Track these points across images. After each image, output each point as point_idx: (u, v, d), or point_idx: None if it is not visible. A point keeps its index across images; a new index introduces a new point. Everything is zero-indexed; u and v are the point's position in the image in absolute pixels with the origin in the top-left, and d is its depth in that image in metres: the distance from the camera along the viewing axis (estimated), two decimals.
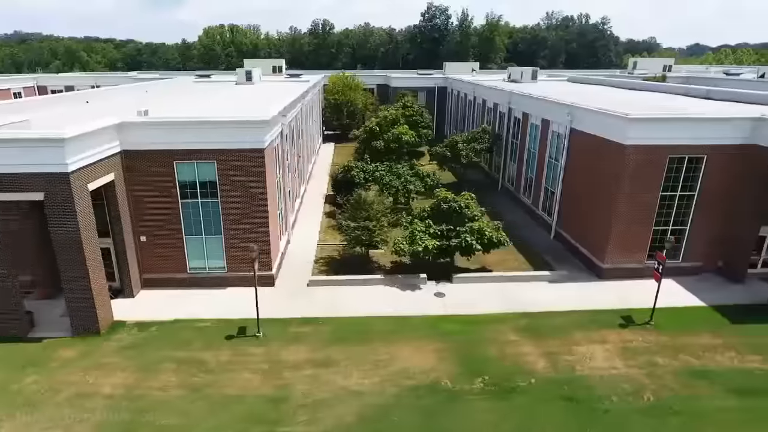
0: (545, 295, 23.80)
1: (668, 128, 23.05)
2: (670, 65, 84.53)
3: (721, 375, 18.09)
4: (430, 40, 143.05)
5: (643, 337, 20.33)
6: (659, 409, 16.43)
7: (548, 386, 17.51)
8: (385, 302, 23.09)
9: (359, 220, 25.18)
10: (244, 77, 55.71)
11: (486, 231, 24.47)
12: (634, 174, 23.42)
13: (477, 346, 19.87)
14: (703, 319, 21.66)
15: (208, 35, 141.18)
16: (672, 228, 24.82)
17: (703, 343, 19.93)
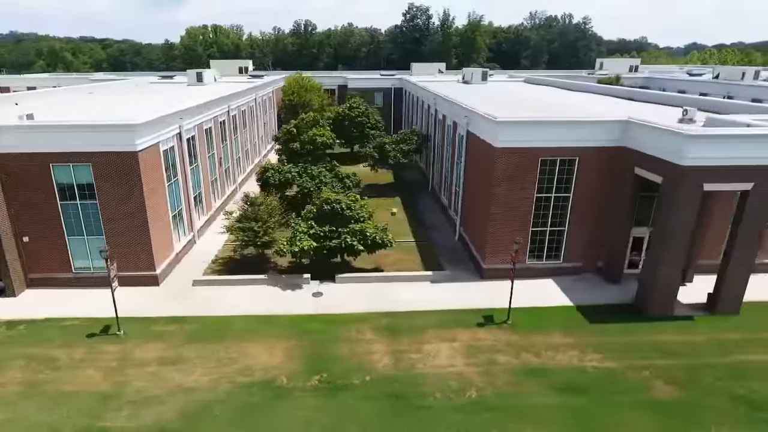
0: (421, 295, 24.22)
1: (539, 131, 23.46)
2: (636, 66, 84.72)
3: (555, 373, 18.51)
4: (411, 40, 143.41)
5: (494, 336, 20.76)
6: (476, 405, 16.86)
7: (380, 384, 17.96)
8: (261, 302, 23.56)
9: (245, 221, 25.66)
10: (195, 78, 56.34)
11: (368, 232, 24.91)
12: (507, 175, 23.83)
13: (330, 344, 20.32)
14: (563, 318, 22.05)
15: (191, 35, 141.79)
16: (550, 229, 25.22)
17: (551, 342, 20.34)
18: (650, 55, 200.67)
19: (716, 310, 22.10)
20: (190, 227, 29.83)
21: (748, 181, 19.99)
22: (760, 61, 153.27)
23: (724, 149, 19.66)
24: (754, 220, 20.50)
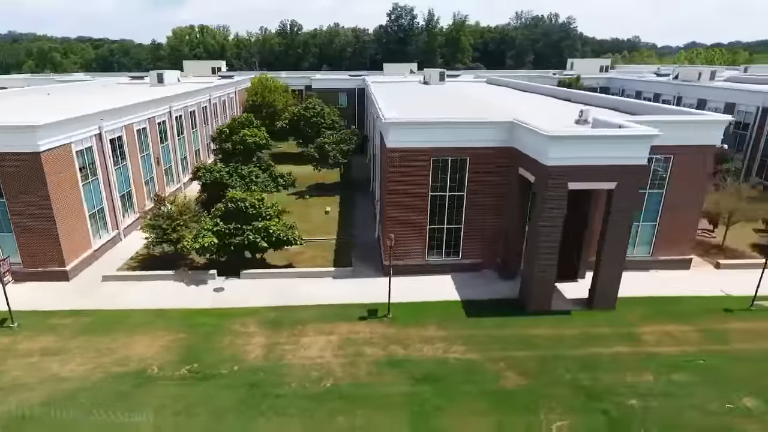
0: (320, 290, 25.04)
1: (429, 132, 24.25)
2: (607, 66, 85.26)
3: (416, 364, 19.32)
4: (395, 40, 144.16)
5: (372, 329, 21.59)
6: (330, 393, 17.72)
7: (245, 374, 18.82)
8: (163, 297, 24.45)
9: (155, 220, 26.56)
10: (156, 80, 57.29)
11: (272, 229, 25.77)
12: (402, 175, 24.65)
13: (212, 337, 21.19)
14: (444, 313, 22.84)
15: (177, 36, 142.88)
16: (447, 227, 26.03)
17: (423, 335, 21.16)
18: (641, 55, 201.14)
19: (593, 306, 22.88)
20: (114, 225, 30.74)
21: (611, 180, 20.74)
22: (742, 60, 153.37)
23: (586, 150, 20.42)
24: (619, 218, 21.25)
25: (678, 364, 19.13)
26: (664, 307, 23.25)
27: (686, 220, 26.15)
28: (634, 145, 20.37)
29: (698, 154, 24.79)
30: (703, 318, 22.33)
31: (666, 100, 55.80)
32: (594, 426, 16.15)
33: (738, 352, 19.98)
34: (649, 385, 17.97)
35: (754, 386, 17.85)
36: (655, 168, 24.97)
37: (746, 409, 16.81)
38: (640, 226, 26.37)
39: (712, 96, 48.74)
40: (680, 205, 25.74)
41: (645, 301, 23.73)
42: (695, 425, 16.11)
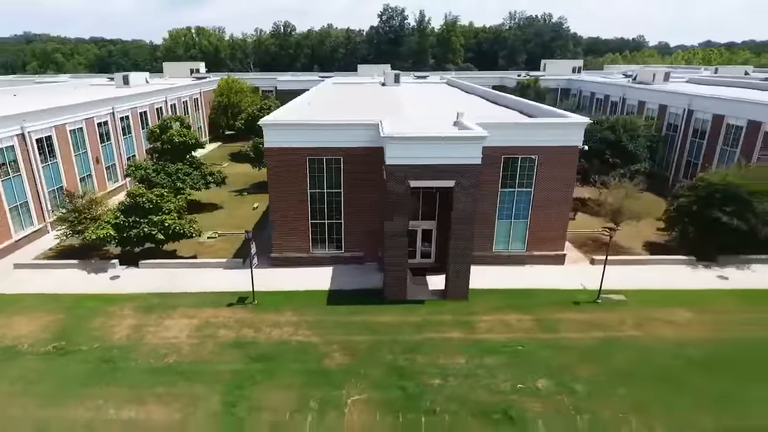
0: (208, 279, 27.01)
1: (303, 133, 26.06)
2: (579, 67, 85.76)
3: (259, 346, 21.14)
4: (386, 41, 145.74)
5: (233, 314, 23.50)
6: (169, 368, 19.65)
7: (103, 351, 20.85)
8: (64, 283, 26.65)
9: (66, 213, 28.85)
10: (121, 81, 59.95)
11: (167, 223, 27.83)
12: (281, 173, 26.49)
13: (88, 319, 23.28)
14: (306, 300, 24.62)
15: (173, 37, 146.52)
16: (328, 222, 27.80)
17: (278, 320, 22.98)
18: (642, 54, 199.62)
19: (447, 296, 24.47)
20: (41, 218, 33.12)
21: (450, 179, 22.32)
22: (740, 60, 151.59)
23: (425, 150, 22.02)
24: (461, 214, 22.80)
25: (496, 350, 20.66)
26: (517, 298, 24.73)
27: (556, 217, 27.53)
28: (468, 146, 21.91)
29: (562, 154, 26.19)
30: (547, 309, 23.77)
31: (614, 101, 56.73)
32: (388, 400, 17.81)
33: (561, 340, 21.41)
34: (458, 367, 19.56)
35: (555, 370, 19.31)
36: (521, 167, 26.49)
37: (535, 389, 18.31)
38: (512, 223, 27.87)
39: (649, 98, 49.60)
40: (548, 203, 27.16)
41: (502, 293, 25.24)
42: (478, 401, 17.67)
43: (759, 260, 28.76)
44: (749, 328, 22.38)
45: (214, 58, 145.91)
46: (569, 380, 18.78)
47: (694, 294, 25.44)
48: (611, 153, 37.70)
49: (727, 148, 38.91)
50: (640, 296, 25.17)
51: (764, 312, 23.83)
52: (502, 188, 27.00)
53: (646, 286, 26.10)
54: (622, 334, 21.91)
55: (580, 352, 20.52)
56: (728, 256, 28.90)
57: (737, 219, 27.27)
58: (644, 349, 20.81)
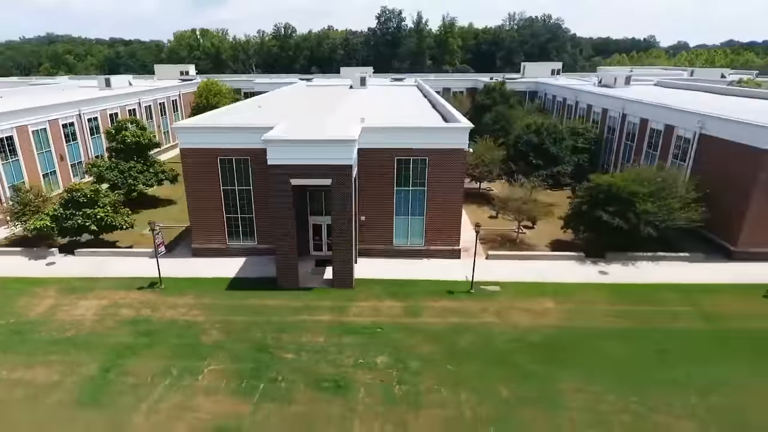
0: (131, 266, 29.95)
1: (214, 135, 28.82)
2: (558, 69, 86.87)
3: (150, 323, 23.98)
4: (384, 43, 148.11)
5: (141, 297, 26.39)
6: (69, 340, 22.61)
7: (17, 324, 23.92)
8: (4, 267, 29.90)
9: (15, 206, 32.23)
10: (104, 84, 63.73)
11: (99, 215, 30.93)
12: (196, 172, 29.30)
13: (13, 298, 26.34)
14: (210, 286, 27.40)
15: (177, 39, 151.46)
16: (241, 216, 30.53)
17: (176, 302, 25.77)
18: (649, 55, 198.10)
19: (334, 285, 26.95)
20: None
21: (327, 177, 24.80)
22: (742, 61, 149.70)
23: (302, 152, 24.56)
24: (338, 210, 25.26)
25: (357, 331, 23.09)
26: (399, 287, 27.09)
27: (449, 214, 29.75)
28: (339, 148, 24.37)
29: (450, 156, 28.43)
30: (421, 297, 26.07)
31: (569, 104, 58.28)
32: (241, 370, 20.42)
33: (419, 324, 23.69)
34: (315, 345, 22.07)
35: (400, 349, 21.67)
36: (414, 168, 28.83)
37: (373, 364, 20.72)
38: (410, 219, 30.20)
39: (594, 101, 51.16)
40: (441, 201, 29.41)
41: (388, 283, 27.62)
42: (318, 372, 20.16)
43: (643, 257, 30.53)
44: (600, 319, 24.38)
45: (215, 60, 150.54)
46: (407, 357, 21.13)
47: (568, 286, 27.43)
48: (535, 155, 39.62)
49: (650, 150, 40.45)
50: (516, 288, 27.28)
51: (623, 304, 25.73)
52: (397, 187, 29.35)
53: (526, 279, 28.17)
54: (478, 320, 24.10)
55: (430, 335, 22.81)
56: (616, 253, 30.76)
57: (618, 218, 29.12)
58: (491, 333, 23.00)
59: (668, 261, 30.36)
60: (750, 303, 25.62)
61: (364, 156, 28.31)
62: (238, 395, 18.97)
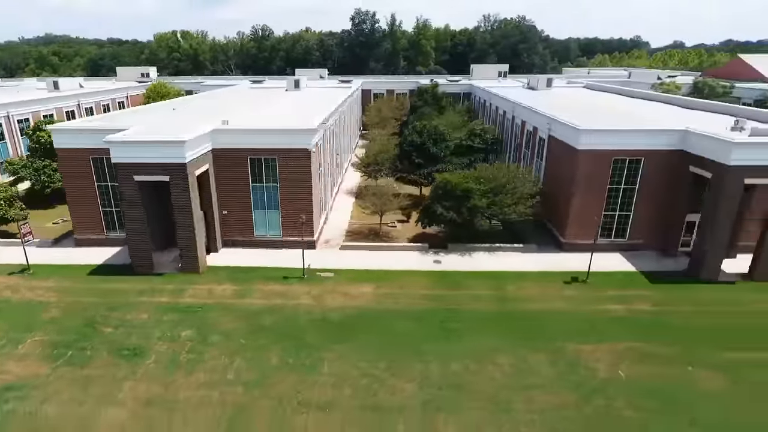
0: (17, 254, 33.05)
1: (85, 137, 31.87)
2: (505, 71, 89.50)
3: (8, 303, 27.07)
4: (357, 44, 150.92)
5: (6, 281, 29.48)
6: None
7: None
8: None
9: None
10: (52, 86, 67.16)
11: None
12: (71, 170, 32.41)
13: None
14: (75, 271, 30.48)
15: (157, 41, 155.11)
16: (116, 210, 33.59)
17: (41, 285, 28.87)
18: (631, 56, 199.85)
19: (182, 270, 29.99)
20: None
21: (165, 174, 27.83)
22: (711, 62, 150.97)
23: (144, 151, 27.67)
24: (179, 203, 28.27)
25: (179, 310, 26.09)
26: (242, 274, 30.09)
27: (299, 209, 32.63)
28: (172, 148, 27.37)
29: (295, 155, 31.37)
30: (257, 281, 29.05)
31: (487, 105, 60.99)
32: (59, 341, 23.43)
33: (240, 304, 26.65)
34: (137, 321, 25.09)
35: (208, 325, 24.65)
36: (266, 166, 31.80)
37: (176, 337, 23.73)
38: (267, 212, 33.16)
39: (497, 103, 53.89)
40: (293, 196, 32.35)
41: (235, 270, 30.66)
42: (125, 343, 23.18)
43: (481, 248, 33.31)
44: (408, 301, 27.21)
45: (194, 61, 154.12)
46: (210, 332, 24.12)
47: (396, 273, 30.26)
48: (417, 154, 42.47)
49: (526, 151, 43.21)
50: (348, 274, 30.18)
51: (436, 289, 28.53)
52: (252, 183, 32.32)
53: (363, 267, 31.00)
54: (295, 302, 27.03)
55: (243, 314, 25.77)
56: (457, 245, 33.56)
57: (453, 212, 31.96)
58: (298, 313, 25.92)
59: (503, 251, 33.12)
60: (547, 288, 28.38)
61: (220, 155, 31.37)
62: (45, 360, 22.04)
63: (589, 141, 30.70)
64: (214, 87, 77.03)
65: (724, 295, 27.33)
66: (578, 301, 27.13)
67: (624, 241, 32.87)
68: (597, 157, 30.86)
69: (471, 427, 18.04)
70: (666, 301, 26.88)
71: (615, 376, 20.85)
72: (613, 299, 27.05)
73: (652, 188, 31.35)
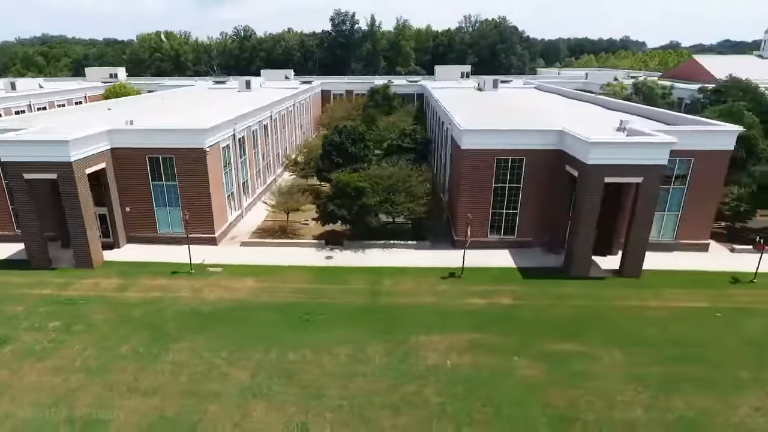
0: None
1: None
2: (468, 72, 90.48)
3: None
4: (337, 45, 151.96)
5: None
6: None
7: None
8: None
9: None
10: (9, 87, 68.57)
11: None
12: None
13: None
14: None
15: (140, 42, 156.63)
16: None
17: None
18: (618, 56, 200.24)
19: (77, 265, 31.14)
20: None
21: (53, 172, 28.99)
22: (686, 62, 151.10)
23: (27, 150, 28.87)
24: (67, 199, 29.43)
25: (56, 302, 27.20)
26: (135, 268, 31.26)
27: (201, 206, 33.73)
28: (55, 147, 28.54)
29: (191, 155, 32.48)
30: (145, 276, 30.18)
31: (429, 105, 61.96)
32: None
33: (116, 297, 27.77)
34: (10, 312, 26.19)
35: (78, 316, 25.74)
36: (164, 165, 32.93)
37: (44, 327, 24.82)
38: (169, 210, 34.28)
39: (433, 104, 54.82)
40: (191, 196, 33.44)
41: (130, 264, 31.88)
42: None
43: (375, 245, 34.31)
44: (282, 294, 28.23)
45: (176, 62, 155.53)
46: (77, 323, 25.21)
47: (281, 268, 31.31)
48: (336, 154, 43.51)
49: (443, 151, 44.19)
50: (237, 269, 31.28)
51: (315, 283, 29.58)
52: (153, 181, 33.45)
53: (255, 262, 32.08)
54: (174, 295, 28.14)
55: (117, 306, 26.88)
56: (353, 242, 34.61)
57: (345, 210, 33.01)
58: (171, 305, 26.99)
59: (397, 248, 34.13)
60: (423, 283, 29.37)
61: (119, 154, 32.54)
62: None
63: (473, 140, 31.72)
64: (175, 87, 78.29)
65: (587, 291, 28.25)
66: (446, 295, 28.14)
67: (513, 239, 33.85)
68: (481, 156, 31.86)
69: (280, 411, 19.07)
70: (528, 295, 27.86)
71: (442, 364, 21.86)
72: (478, 294, 28.05)
73: (535, 187, 32.33)
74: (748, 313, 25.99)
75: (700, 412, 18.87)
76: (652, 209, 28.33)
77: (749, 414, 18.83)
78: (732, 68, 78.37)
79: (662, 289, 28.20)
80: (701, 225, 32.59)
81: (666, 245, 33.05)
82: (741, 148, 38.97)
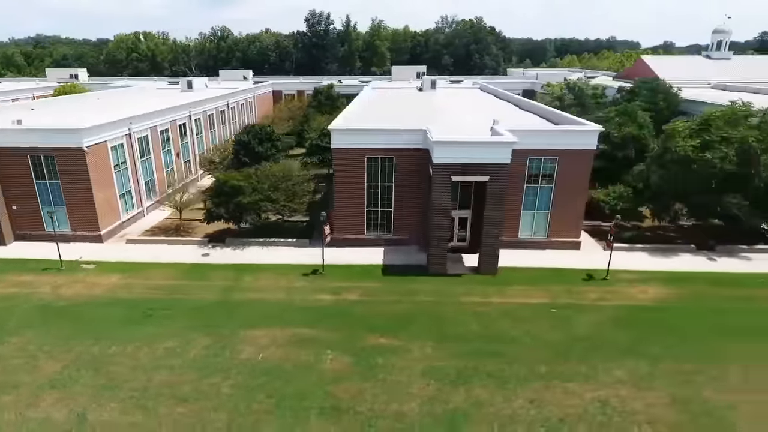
0: None
1: None
2: (423, 72, 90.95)
3: None
4: (312, 45, 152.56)
5: None
6: None
7: None
8: None
9: None
10: None
11: None
12: None
13: None
14: None
15: (117, 42, 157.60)
16: None
17: None
18: (600, 57, 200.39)
19: None
20: None
21: None
22: None
23: None
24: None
25: None
26: (7, 265, 31.94)
27: (86, 205, 34.37)
28: None
29: (70, 153, 33.12)
30: (14, 272, 30.84)
31: None
32: None
33: None
34: None
35: None
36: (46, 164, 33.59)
37: None
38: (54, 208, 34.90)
39: None
40: (74, 194, 34.09)
41: (7, 262, 32.52)
42: None
43: (257, 242, 34.90)
44: (139, 291, 28.82)
45: (152, 62, 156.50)
46: None
47: (155, 265, 31.92)
48: (244, 153, 44.17)
49: None
50: (110, 266, 31.89)
51: (179, 280, 30.17)
52: (37, 180, 34.13)
53: (131, 260, 32.70)
54: (32, 290, 28.70)
55: None
56: (234, 239, 35.21)
57: (223, 209, 33.63)
58: (25, 301, 27.60)
59: (276, 246, 34.69)
60: (282, 280, 29.92)
61: (1, 153, 33.20)
62: None
63: (342, 140, 32.28)
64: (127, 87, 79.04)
65: (437, 287, 28.72)
66: (299, 291, 28.70)
67: (390, 236, 34.37)
68: (351, 156, 32.40)
69: (69, 400, 19.63)
70: (377, 292, 28.39)
71: (254, 358, 22.41)
72: (331, 290, 28.58)
73: (406, 186, 32.85)
74: (582, 309, 26.46)
75: (474, 404, 19.36)
76: (501, 207, 28.80)
77: (523, 406, 19.31)
78: (677, 68, 79.20)
79: (510, 286, 28.70)
80: (571, 223, 33.05)
81: (539, 243, 33.54)
82: (632, 148, 39.67)
